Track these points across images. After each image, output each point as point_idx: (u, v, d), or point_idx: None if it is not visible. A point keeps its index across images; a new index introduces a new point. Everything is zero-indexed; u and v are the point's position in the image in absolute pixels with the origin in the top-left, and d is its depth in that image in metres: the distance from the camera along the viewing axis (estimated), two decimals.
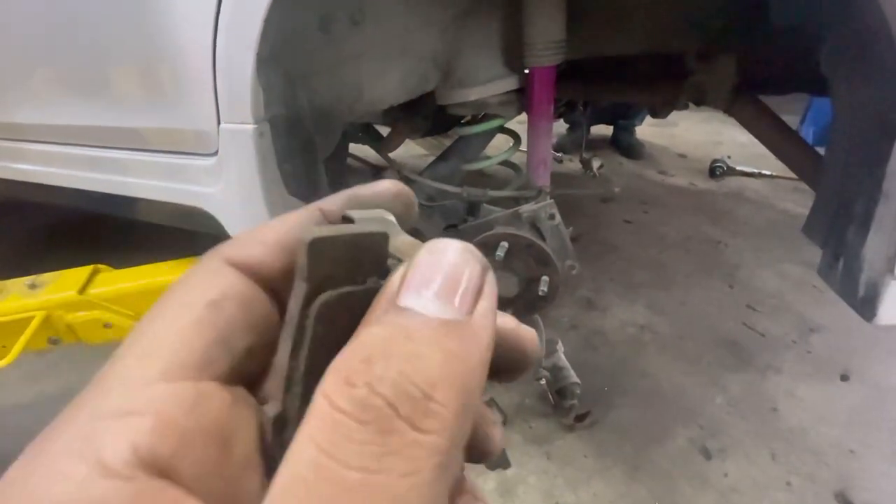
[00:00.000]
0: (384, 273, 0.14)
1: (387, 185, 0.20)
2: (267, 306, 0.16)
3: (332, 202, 0.18)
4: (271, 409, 0.14)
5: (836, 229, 0.63)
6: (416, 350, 0.12)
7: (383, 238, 0.15)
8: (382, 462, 0.11)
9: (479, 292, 0.13)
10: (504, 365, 0.18)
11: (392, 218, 0.18)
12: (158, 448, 0.12)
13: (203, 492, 0.12)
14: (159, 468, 0.11)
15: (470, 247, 0.14)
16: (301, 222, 0.17)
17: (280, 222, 0.17)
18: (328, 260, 0.13)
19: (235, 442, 0.13)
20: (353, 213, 0.17)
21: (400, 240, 0.17)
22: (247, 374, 0.15)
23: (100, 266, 1.02)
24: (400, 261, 0.15)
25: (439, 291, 0.13)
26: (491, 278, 0.14)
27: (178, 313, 0.14)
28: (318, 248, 0.13)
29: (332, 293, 0.14)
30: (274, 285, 0.16)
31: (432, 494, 0.11)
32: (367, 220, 0.17)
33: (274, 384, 0.14)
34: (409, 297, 0.13)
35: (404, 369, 0.12)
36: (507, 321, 0.18)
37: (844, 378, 1.23)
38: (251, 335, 0.15)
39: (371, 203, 0.19)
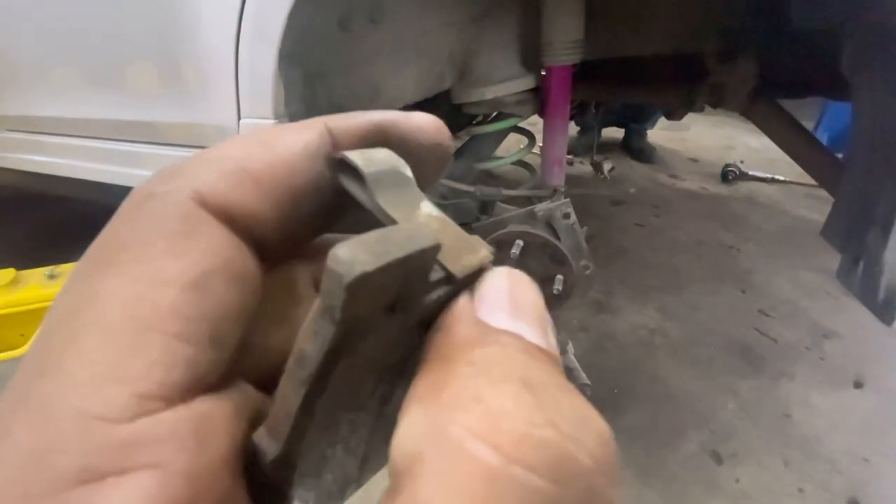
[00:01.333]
0: (426, 289, 0.11)
1: (426, 123, 0.14)
2: (256, 273, 0.11)
3: (348, 123, 0.13)
4: (267, 445, 0.11)
5: (856, 233, 0.62)
6: (558, 380, 0.09)
7: (433, 253, 0.11)
8: None
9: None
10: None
11: (409, 172, 0.13)
12: None
13: None
14: None
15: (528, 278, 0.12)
16: (305, 151, 0.12)
17: (271, 149, 0.12)
18: (365, 295, 0.10)
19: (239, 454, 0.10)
20: (355, 159, 0.12)
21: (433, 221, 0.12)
22: (241, 364, 0.11)
23: None
24: (444, 269, 0.11)
25: (534, 320, 0.11)
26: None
27: (143, 300, 0.09)
28: (358, 287, 0.09)
29: (359, 341, 0.10)
30: (262, 240, 0.11)
31: None
32: (379, 175, 0.12)
33: (274, 417, 0.11)
34: (503, 320, 0.11)
35: (576, 404, 0.09)
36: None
37: (858, 385, 1.21)
38: (244, 322, 0.11)
39: (401, 140, 0.14)
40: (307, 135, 0.12)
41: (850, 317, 1.42)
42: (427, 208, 0.13)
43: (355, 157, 0.12)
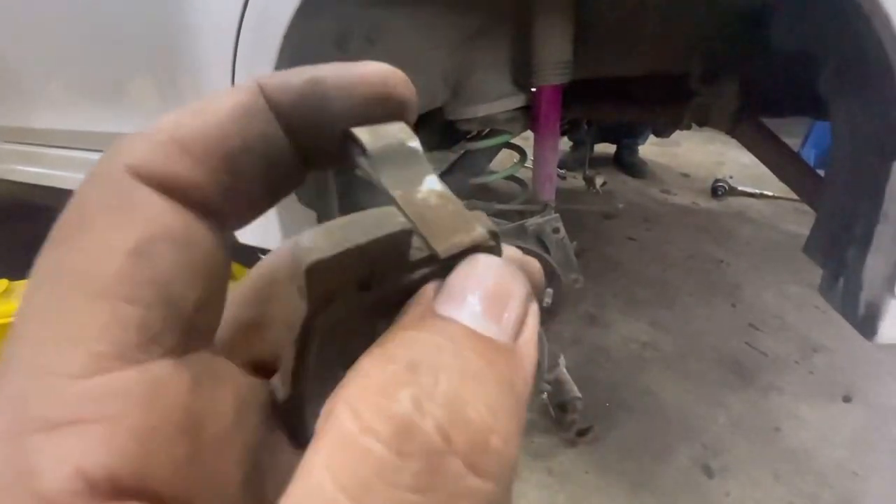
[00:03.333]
0: (406, 267, 0.12)
1: (370, 73, 0.13)
2: (207, 236, 0.11)
3: (283, 80, 0.12)
4: (277, 391, 0.13)
5: (837, 249, 0.64)
6: (470, 366, 0.09)
7: (404, 237, 0.12)
8: None
9: (524, 317, 0.11)
10: None
11: (417, 146, 0.13)
12: (112, 463, 0.09)
13: (178, 491, 0.10)
14: (117, 486, 0.09)
15: (517, 268, 0.12)
16: (235, 112, 0.12)
17: (201, 116, 0.11)
18: (330, 276, 0.11)
19: (205, 424, 0.10)
20: (361, 135, 0.12)
21: (428, 199, 0.12)
22: (203, 330, 0.12)
23: None
24: (429, 248, 0.12)
25: (486, 307, 0.11)
26: (535, 307, 0.12)
27: (92, 270, 0.10)
28: (317, 271, 0.10)
29: (333, 314, 0.11)
30: (206, 204, 0.11)
31: None
32: (385, 151, 0.12)
33: (282, 370, 0.12)
34: (451, 307, 0.11)
35: (460, 387, 0.09)
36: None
37: (847, 399, 1.22)
38: (199, 283, 0.11)
39: (343, 93, 0.13)
40: (237, 96, 0.12)
41: (838, 331, 1.44)
42: (430, 184, 0.13)
43: (362, 132, 0.12)
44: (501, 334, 0.11)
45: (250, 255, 0.80)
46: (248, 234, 0.87)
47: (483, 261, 0.12)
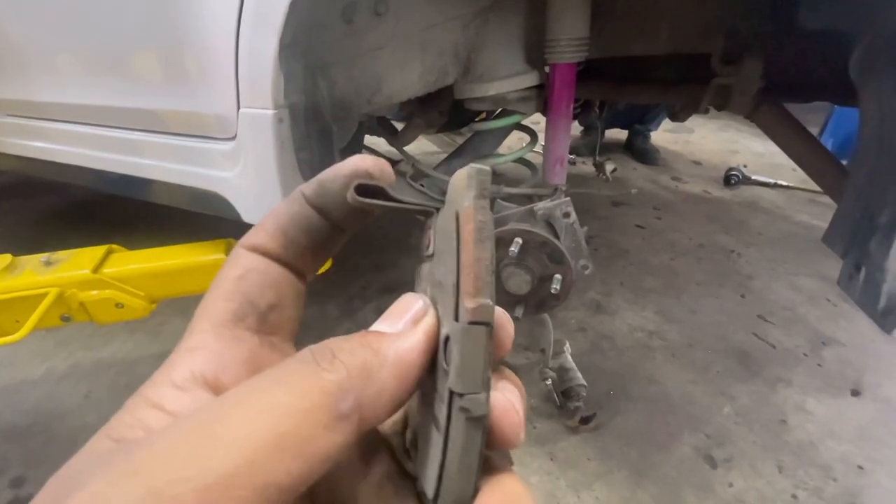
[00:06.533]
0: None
1: (352, 165, 0.21)
2: (281, 272, 0.21)
3: (314, 186, 0.21)
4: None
5: (859, 239, 0.62)
6: (350, 338, 0.17)
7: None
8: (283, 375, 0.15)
9: (418, 318, 0.18)
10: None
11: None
12: (207, 371, 0.18)
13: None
14: (208, 383, 0.18)
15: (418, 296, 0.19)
16: (288, 210, 0.21)
17: (273, 213, 0.22)
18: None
19: (260, 364, 0.19)
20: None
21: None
22: (274, 324, 0.21)
23: (114, 246, 1.03)
24: None
25: (388, 317, 0.19)
26: (431, 313, 0.18)
27: (218, 287, 0.20)
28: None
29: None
30: (281, 259, 0.21)
31: (310, 415, 0.14)
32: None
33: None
34: (376, 324, 0.19)
35: (332, 344, 0.17)
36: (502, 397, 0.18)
37: (855, 393, 1.21)
38: (271, 294, 0.21)
39: (332, 184, 0.21)
40: (291, 202, 0.21)
41: (849, 324, 1.42)
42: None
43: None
44: (391, 328, 0.18)
45: None
46: (252, 211, 0.86)
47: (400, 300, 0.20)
